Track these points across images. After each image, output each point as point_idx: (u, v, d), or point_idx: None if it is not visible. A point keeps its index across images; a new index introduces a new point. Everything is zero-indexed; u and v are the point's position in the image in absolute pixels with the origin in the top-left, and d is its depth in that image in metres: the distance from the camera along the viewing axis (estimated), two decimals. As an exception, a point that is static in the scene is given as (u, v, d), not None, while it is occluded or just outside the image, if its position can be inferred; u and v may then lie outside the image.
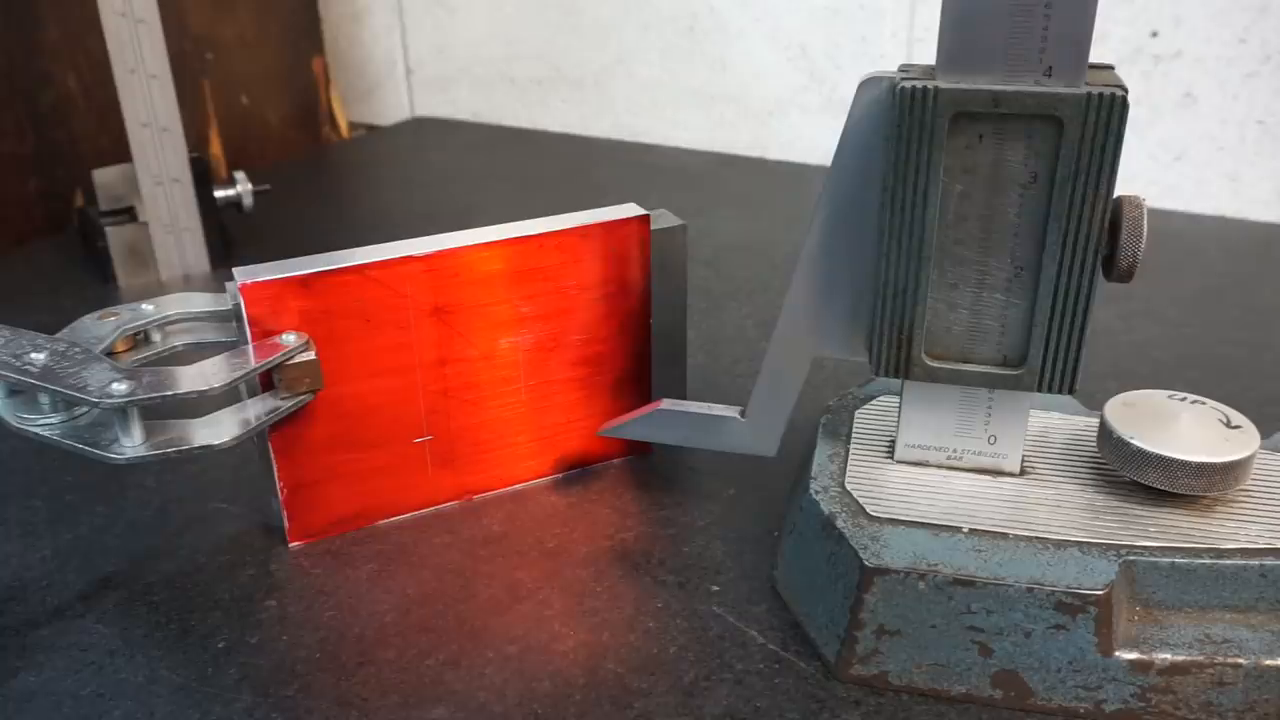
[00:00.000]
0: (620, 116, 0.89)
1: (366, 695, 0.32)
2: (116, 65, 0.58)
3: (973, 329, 0.32)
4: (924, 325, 0.32)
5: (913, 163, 0.30)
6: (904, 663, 0.32)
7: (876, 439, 0.36)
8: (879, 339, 0.33)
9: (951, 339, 0.33)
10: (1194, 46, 0.68)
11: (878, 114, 0.31)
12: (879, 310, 0.32)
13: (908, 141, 0.30)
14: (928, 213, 0.31)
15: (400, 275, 0.36)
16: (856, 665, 0.32)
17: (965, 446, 0.34)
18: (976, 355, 0.33)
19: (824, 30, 0.78)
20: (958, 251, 0.31)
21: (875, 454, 0.36)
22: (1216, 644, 0.30)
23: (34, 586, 0.37)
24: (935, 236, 0.31)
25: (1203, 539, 0.31)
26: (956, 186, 0.30)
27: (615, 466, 0.43)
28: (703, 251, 0.64)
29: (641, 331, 0.41)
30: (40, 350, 0.34)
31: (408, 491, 0.40)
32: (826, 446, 0.36)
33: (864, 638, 0.32)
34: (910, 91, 0.29)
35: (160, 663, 0.33)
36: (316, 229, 0.72)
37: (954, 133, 0.30)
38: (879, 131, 0.31)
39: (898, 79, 0.30)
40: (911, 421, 0.35)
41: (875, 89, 0.31)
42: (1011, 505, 0.33)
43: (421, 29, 0.95)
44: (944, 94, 0.29)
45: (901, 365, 0.33)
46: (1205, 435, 0.32)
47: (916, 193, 0.30)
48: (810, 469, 0.35)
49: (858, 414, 0.38)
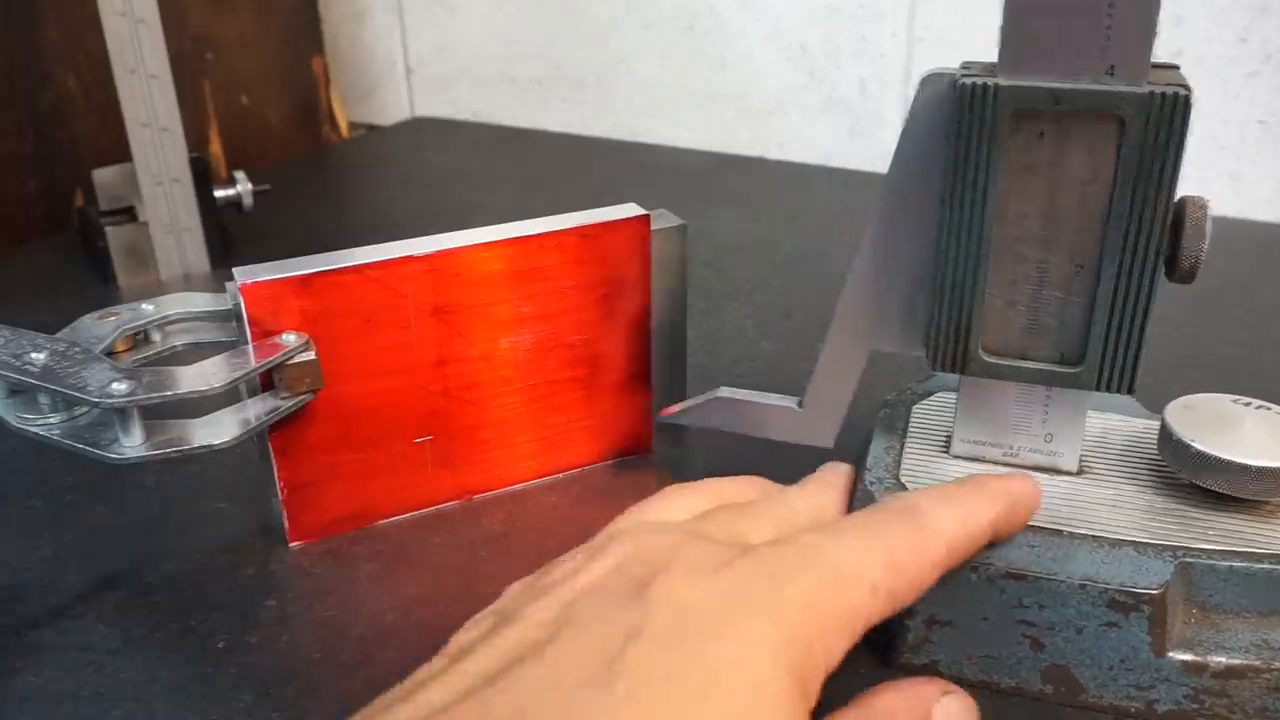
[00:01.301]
0: (620, 116, 0.89)
1: (366, 695, 0.32)
2: (116, 65, 0.58)
3: (1031, 326, 0.32)
4: (981, 321, 0.32)
5: (973, 159, 0.30)
6: (954, 653, 0.31)
7: (933, 434, 0.36)
8: (937, 334, 0.33)
9: (1009, 335, 0.33)
10: (1194, 46, 0.68)
11: (938, 110, 0.31)
12: (937, 305, 0.32)
13: (968, 138, 0.30)
14: (987, 209, 0.31)
15: (400, 275, 0.36)
16: (907, 654, 0.32)
17: (1022, 443, 0.34)
18: (1034, 352, 0.33)
19: (824, 30, 0.78)
20: (1017, 248, 0.31)
21: (931, 448, 0.36)
22: (1275, 649, 0.30)
23: (34, 586, 0.37)
24: (994, 233, 0.31)
25: (1264, 544, 0.31)
26: (1017, 184, 0.30)
27: (615, 466, 0.43)
28: (703, 251, 0.64)
29: (641, 331, 0.41)
30: (40, 350, 0.34)
31: (408, 491, 0.40)
32: (883, 440, 0.36)
33: (914, 627, 0.31)
34: (971, 88, 0.29)
35: (160, 663, 0.33)
36: (316, 229, 0.72)
37: (1015, 130, 0.30)
38: (939, 128, 0.31)
39: (959, 76, 0.30)
40: (968, 417, 0.35)
41: (936, 85, 0.31)
42: (1067, 503, 0.33)
43: (421, 29, 0.95)
44: (1005, 91, 0.29)
45: (959, 360, 0.33)
46: (1268, 440, 0.32)
47: (976, 189, 0.30)
48: (865, 461, 0.35)
49: (915, 409, 0.38)
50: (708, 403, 0.38)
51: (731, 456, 0.37)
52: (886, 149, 0.80)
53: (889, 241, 0.33)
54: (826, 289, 0.60)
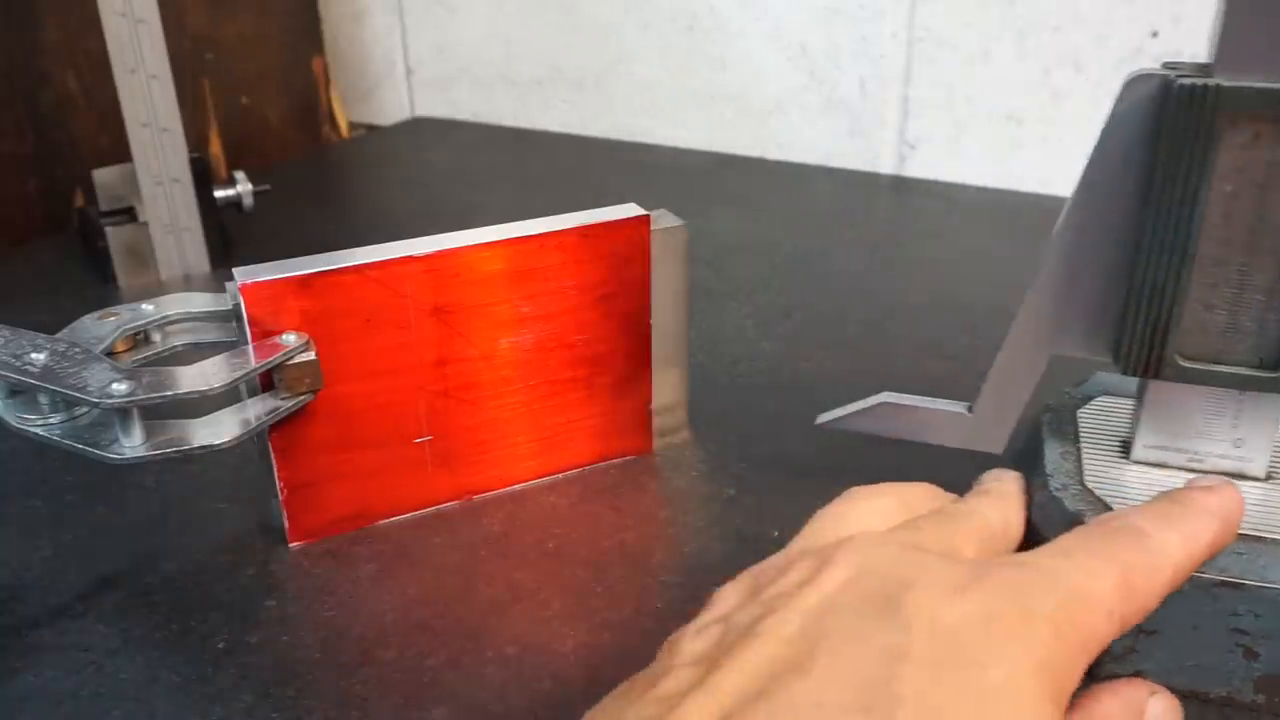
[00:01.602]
0: (620, 116, 0.89)
1: (366, 695, 0.32)
2: (116, 65, 0.58)
3: (1229, 330, 0.32)
4: (1179, 325, 0.32)
5: (1184, 161, 0.30)
6: (1162, 663, 0.31)
7: (1106, 439, 0.36)
8: (1129, 338, 0.32)
9: (1205, 339, 0.32)
10: (1194, 46, 0.68)
11: (1144, 112, 0.30)
12: (1131, 309, 0.32)
13: (1180, 139, 0.30)
14: (1195, 211, 0.30)
15: (400, 275, 0.36)
16: (1111, 664, 0.31)
17: (1208, 449, 0.34)
18: (1230, 356, 0.32)
19: (824, 30, 0.78)
20: (1221, 251, 0.31)
21: (1108, 453, 0.35)
22: None
23: (34, 586, 0.37)
24: (1200, 236, 0.31)
25: None
26: (1227, 186, 0.30)
27: (615, 466, 0.43)
28: (703, 251, 0.64)
29: (641, 331, 0.41)
30: (40, 350, 0.34)
31: (408, 491, 0.40)
32: (1056, 445, 0.36)
33: (1120, 636, 0.31)
34: (1189, 89, 0.29)
35: (160, 663, 0.33)
36: (316, 229, 0.72)
37: (1229, 131, 0.29)
38: (1143, 130, 0.31)
39: (1171, 76, 0.30)
40: (1152, 422, 0.34)
41: (1144, 86, 0.30)
42: (1261, 509, 0.32)
43: (421, 29, 0.94)
44: (1225, 92, 0.29)
45: (1152, 365, 0.32)
46: None
47: (1185, 191, 0.30)
48: (1044, 466, 0.35)
49: (1080, 414, 0.38)
50: (872, 409, 0.38)
51: (729, 458, 0.37)
52: (886, 149, 0.80)
53: (1080, 244, 0.33)
54: (826, 289, 0.60)
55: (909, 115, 0.78)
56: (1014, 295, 0.35)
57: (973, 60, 0.74)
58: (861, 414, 0.38)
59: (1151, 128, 0.30)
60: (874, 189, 0.78)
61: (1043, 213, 0.72)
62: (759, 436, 0.45)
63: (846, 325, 0.55)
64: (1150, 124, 0.30)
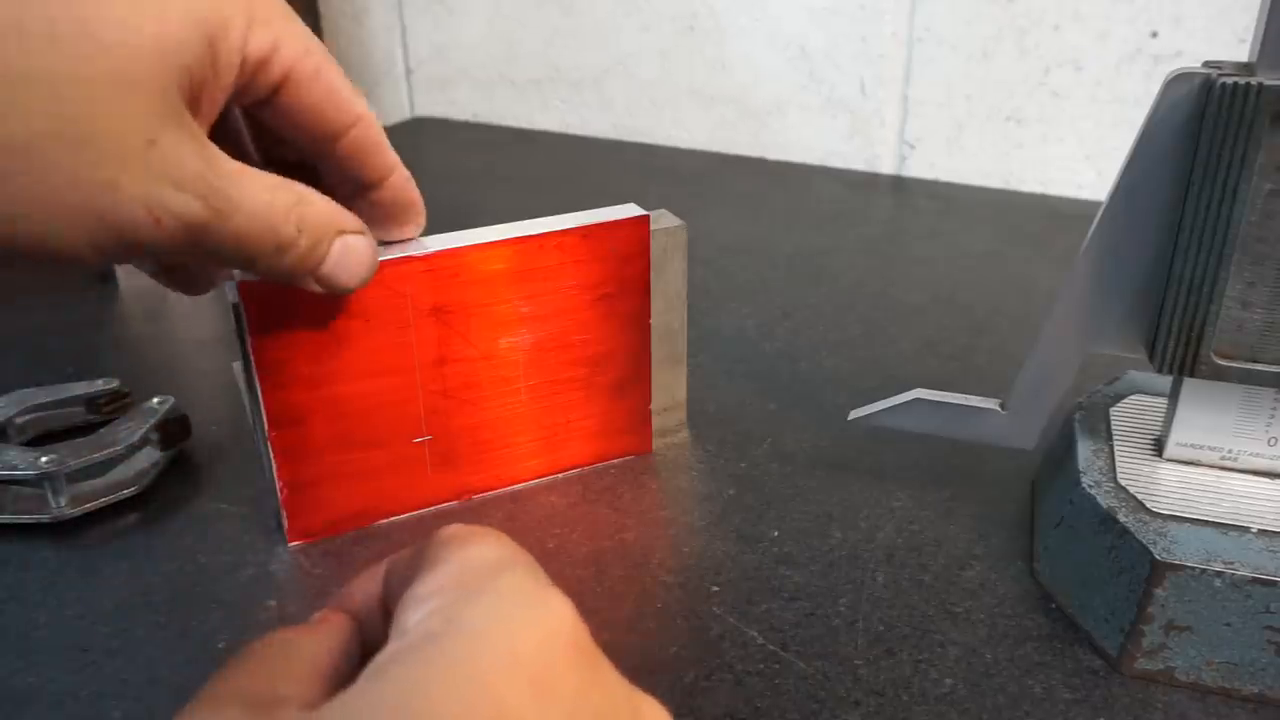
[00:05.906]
0: (620, 117, 0.89)
1: (366, 695, 0.32)
2: (116, 65, 0.58)
3: (1266, 328, 0.32)
4: (1216, 323, 0.32)
5: (1225, 159, 0.30)
6: (1193, 659, 0.31)
7: (1138, 436, 0.36)
8: (1165, 336, 0.33)
9: (1242, 338, 0.32)
10: (1194, 46, 0.68)
11: (1186, 110, 0.31)
12: (1168, 307, 0.32)
13: (1220, 138, 0.30)
14: (1235, 209, 0.30)
15: (400, 275, 0.36)
16: (1141, 659, 0.32)
17: (1242, 447, 0.34)
18: (1267, 355, 0.32)
19: (824, 30, 0.78)
20: (1259, 249, 0.31)
21: (1141, 451, 0.36)
22: None
23: (34, 587, 0.37)
24: (1238, 234, 0.31)
25: None
26: (1266, 184, 0.30)
27: (615, 466, 0.43)
28: (703, 251, 0.64)
29: (641, 331, 0.41)
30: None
31: (408, 491, 0.40)
32: (1088, 443, 0.36)
33: (1151, 632, 0.31)
34: (1232, 88, 0.29)
35: (160, 663, 0.33)
36: (316, 229, 0.72)
37: (1271, 129, 0.30)
38: (1184, 128, 0.31)
39: (1213, 75, 0.30)
40: (1186, 420, 0.34)
41: (1186, 85, 0.30)
42: None
43: (421, 29, 0.95)
44: (1269, 90, 0.29)
45: (1188, 363, 0.33)
46: None
47: (1226, 189, 0.30)
48: (1077, 463, 0.35)
49: (1112, 411, 0.38)
50: (905, 405, 0.38)
51: (728, 456, 0.37)
52: (886, 149, 0.80)
53: (1116, 243, 0.33)
54: (826, 289, 0.60)
55: (909, 115, 0.78)
56: (1014, 295, 0.35)
57: (972, 60, 0.74)
58: (894, 410, 0.38)
59: (1191, 126, 0.30)
60: (874, 189, 0.78)
61: (1043, 213, 0.72)
62: (759, 436, 0.45)
63: (846, 325, 0.55)
64: (1190, 123, 0.31)
